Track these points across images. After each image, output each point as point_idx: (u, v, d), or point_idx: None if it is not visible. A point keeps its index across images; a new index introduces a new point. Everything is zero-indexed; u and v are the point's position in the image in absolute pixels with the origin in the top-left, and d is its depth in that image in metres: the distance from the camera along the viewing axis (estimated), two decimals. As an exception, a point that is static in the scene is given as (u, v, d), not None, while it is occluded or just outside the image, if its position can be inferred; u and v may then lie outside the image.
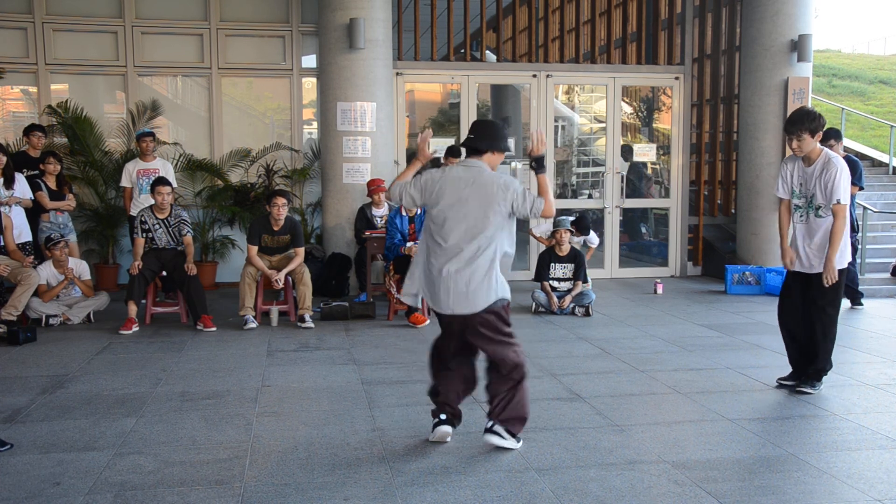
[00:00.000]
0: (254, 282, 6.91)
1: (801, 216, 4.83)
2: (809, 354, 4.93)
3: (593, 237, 8.84)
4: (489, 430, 3.74)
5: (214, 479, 3.40)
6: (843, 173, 4.63)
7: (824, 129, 4.72)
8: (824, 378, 4.86)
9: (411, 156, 10.00)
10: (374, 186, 8.09)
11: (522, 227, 10.12)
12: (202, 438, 3.93)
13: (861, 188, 7.80)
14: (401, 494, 3.25)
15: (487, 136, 3.76)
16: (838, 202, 4.61)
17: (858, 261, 8.78)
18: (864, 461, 3.64)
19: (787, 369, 5.08)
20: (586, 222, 9.18)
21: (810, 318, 4.82)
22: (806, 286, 4.82)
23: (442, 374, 3.87)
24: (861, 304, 7.95)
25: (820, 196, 4.69)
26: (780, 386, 4.95)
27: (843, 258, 4.71)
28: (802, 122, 4.62)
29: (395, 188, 3.86)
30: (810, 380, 4.80)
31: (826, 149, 4.78)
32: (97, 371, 5.30)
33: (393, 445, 3.83)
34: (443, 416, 3.83)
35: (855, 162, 7.81)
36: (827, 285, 4.66)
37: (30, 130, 7.85)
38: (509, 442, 3.74)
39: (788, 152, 8.55)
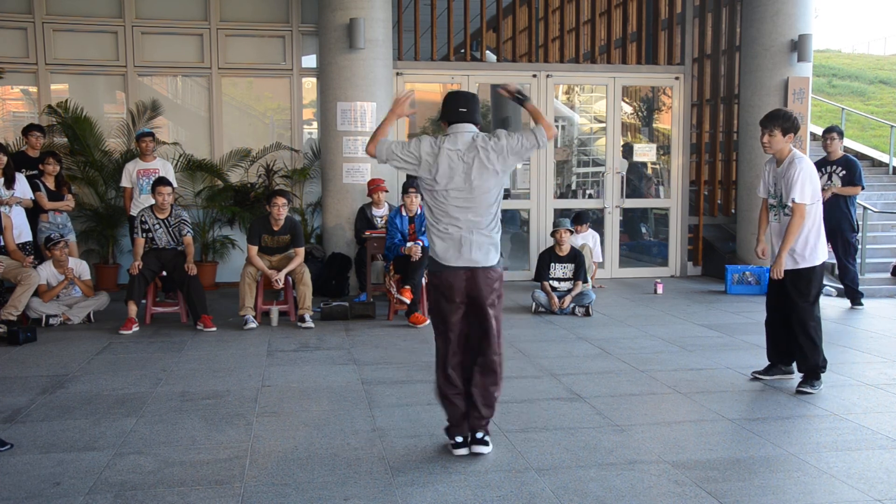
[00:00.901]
0: (254, 282, 6.91)
1: (774, 215, 4.94)
2: (788, 353, 5.02)
3: (594, 244, 8.91)
4: (480, 441, 3.70)
5: (214, 479, 3.40)
6: (804, 173, 4.70)
7: (797, 133, 4.83)
8: (823, 376, 4.89)
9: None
10: (373, 186, 8.09)
11: (523, 228, 10.11)
12: (202, 438, 3.93)
13: (862, 187, 7.82)
14: (401, 494, 3.25)
15: (478, 111, 3.84)
16: (793, 200, 4.70)
17: (858, 261, 8.79)
18: (864, 461, 3.64)
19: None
20: (585, 216, 9.23)
21: (788, 317, 4.90)
22: (781, 284, 4.89)
23: (453, 397, 3.78)
24: (861, 304, 7.95)
25: (786, 195, 4.79)
26: (755, 379, 5.05)
27: (814, 256, 4.79)
28: (777, 119, 4.76)
29: (380, 147, 3.77)
30: (809, 379, 4.82)
31: (795, 150, 4.86)
32: (97, 371, 5.30)
33: (393, 445, 3.83)
34: (458, 439, 3.76)
35: (854, 162, 7.83)
36: (775, 277, 4.80)
37: (28, 130, 7.85)
38: (490, 445, 3.76)
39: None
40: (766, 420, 4.26)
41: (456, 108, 3.79)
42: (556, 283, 7.59)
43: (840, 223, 7.79)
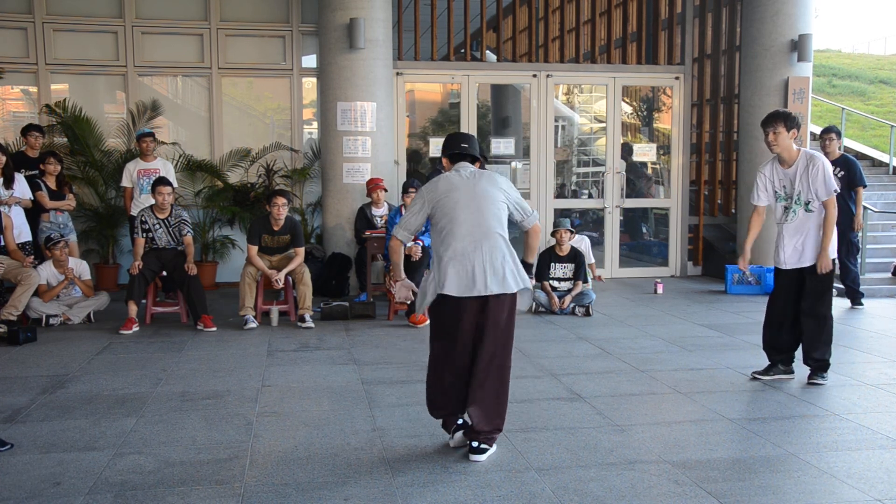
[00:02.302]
0: (254, 282, 6.91)
1: (788, 216, 4.95)
2: (790, 352, 5.08)
3: (586, 248, 8.83)
4: (477, 451, 3.62)
5: (214, 479, 3.40)
6: (827, 167, 4.82)
7: (799, 130, 4.91)
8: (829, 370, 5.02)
9: (412, 155, 10.04)
10: (372, 185, 8.09)
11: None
12: (202, 438, 3.93)
13: (864, 185, 7.84)
14: (401, 494, 3.25)
15: (476, 148, 3.93)
16: (835, 191, 4.79)
17: (858, 261, 8.79)
18: (864, 461, 3.64)
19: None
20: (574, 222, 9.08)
21: (804, 312, 4.94)
22: (800, 281, 4.94)
23: (444, 397, 3.78)
24: (861, 304, 7.95)
25: (808, 191, 4.84)
26: (754, 379, 5.07)
27: (834, 249, 4.90)
28: (778, 116, 4.84)
29: (399, 234, 3.91)
30: (819, 372, 4.95)
31: (803, 148, 4.95)
32: (97, 371, 5.30)
33: (393, 445, 3.83)
34: (459, 422, 3.79)
35: (853, 162, 7.86)
36: (822, 272, 4.85)
37: (27, 131, 7.84)
38: (492, 450, 3.68)
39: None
40: (766, 420, 4.26)
41: (458, 143, 3.89)
42: (556, 283, 7.59)
43: (843, 223, 7.81)
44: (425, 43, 10.33)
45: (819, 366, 4.96)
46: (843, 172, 7.79)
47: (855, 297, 7.98)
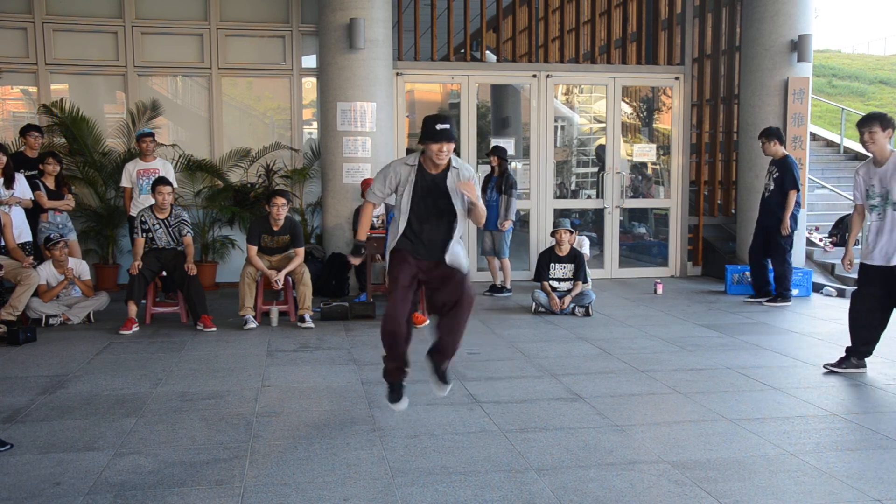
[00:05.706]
0: (253, 282, 6.90)
1: (878, 214, 5.04)
2: (872, 342, 5.22)
3: (585, 244, 8.79)
4: (443, 380, 4.16)
5: (214, 479, 3.40)
6: None
7: (894, 129, 4.98)
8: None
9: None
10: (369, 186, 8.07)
11: (518, 228, 10.11)
12: (202, 438, 3.93)
13: (797, 189, 7.89)
14: (401, 494, 3.25)
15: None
16: None
17: (856, 260, 8.78)
18: (864, 461, 3.64)
19: (787, 369, 5.23)
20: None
21: (887, 309, 5.07)
22: (886, 279, 5.03)
23: (397, 341, 4.13)
24: (761, 302, 8.10)
25: None
26: (830, 373, 5.20)
27: None
28: (874, 118, 4.97)
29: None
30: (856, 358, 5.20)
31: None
32: (97, 371, 5.30)
33: (393, 445, 3.83)
34: (404, 385, 4.20)
35: (792, 164, 7.92)
36: None
37: (26, 131, 7.84)
38: (449, 386, 4.22)
39: (796, 154, 8.62)
40: (766, 420, 4.26)
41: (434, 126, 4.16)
42: (555, 284, 7.58)
43: (771, 225, 7.88)
44: (425, 43, 10.33)
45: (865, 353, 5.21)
46: (777, 173, 7.84)
47: (761, 293, 8.13)
